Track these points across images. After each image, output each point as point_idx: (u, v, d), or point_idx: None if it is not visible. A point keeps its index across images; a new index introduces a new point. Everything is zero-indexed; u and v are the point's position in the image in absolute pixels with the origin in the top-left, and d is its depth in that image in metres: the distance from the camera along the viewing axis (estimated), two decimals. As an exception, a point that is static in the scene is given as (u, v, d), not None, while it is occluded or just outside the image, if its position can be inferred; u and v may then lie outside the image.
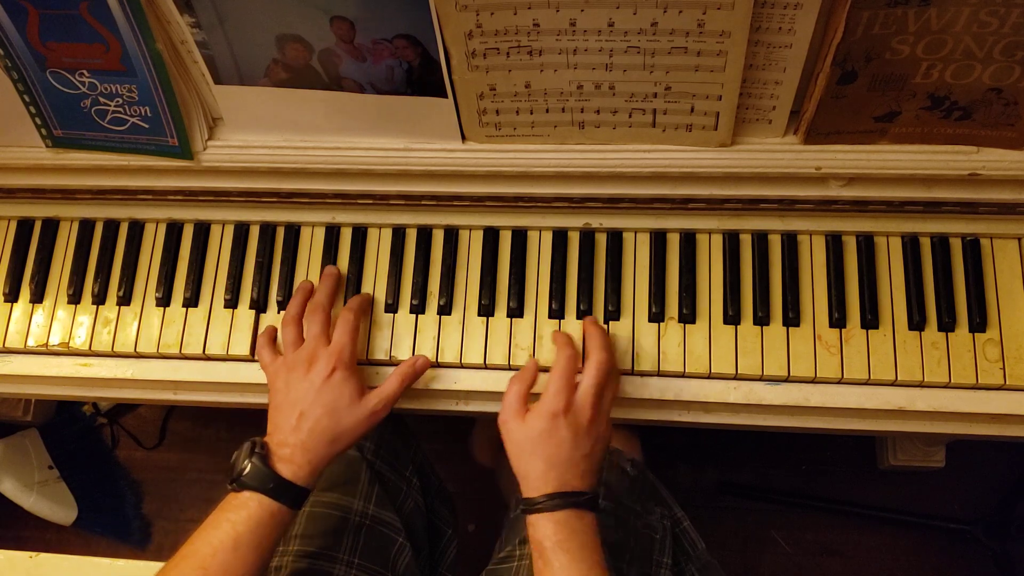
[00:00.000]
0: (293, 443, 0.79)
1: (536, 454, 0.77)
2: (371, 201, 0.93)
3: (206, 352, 0.94)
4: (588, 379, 0.80)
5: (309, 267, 0.95)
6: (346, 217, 0.95)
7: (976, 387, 0.86)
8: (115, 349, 0.95)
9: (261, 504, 0.77)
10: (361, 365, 0.92)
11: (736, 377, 0.88)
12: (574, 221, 0.92)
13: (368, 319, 0.92)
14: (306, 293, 0.91)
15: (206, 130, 0.88)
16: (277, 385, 0.84)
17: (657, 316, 0.90)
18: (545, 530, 0.75)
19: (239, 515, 0.76)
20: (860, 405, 0.87)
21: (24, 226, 0.99)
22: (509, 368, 0.90)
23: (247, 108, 0.85)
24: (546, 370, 0.82)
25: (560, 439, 0.77)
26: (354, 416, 0.82)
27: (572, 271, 0.92)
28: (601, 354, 0.81)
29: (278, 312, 0.94)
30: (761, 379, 0.88)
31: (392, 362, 0.91)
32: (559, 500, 0.75)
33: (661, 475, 1.05)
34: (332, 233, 0.95)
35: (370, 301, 0.92)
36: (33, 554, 0.95)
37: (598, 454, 0.79)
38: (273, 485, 0.77)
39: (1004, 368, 0.86)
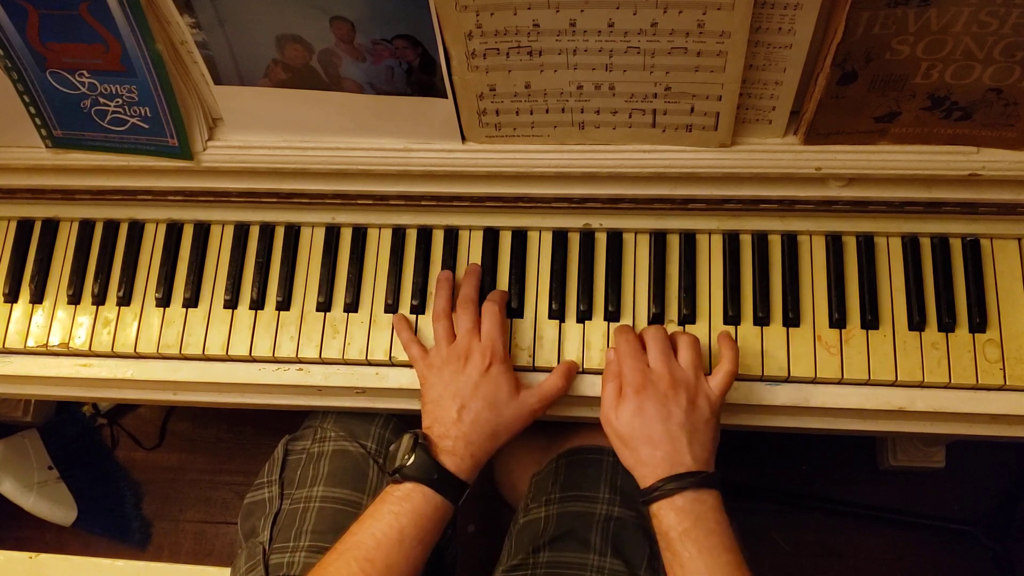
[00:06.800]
0: (455, 435, 0.79)
1: (636, 438, 0.77)
2: (371, 201, 0.93)
3: (206, 352, 0.93)
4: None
5: (309, 267, 0.95)
6: (346, 217, 0.95)
7: (976, 387, 0.86)
8: (115, 349, 0.95)
9: (425, 496, 0.76)
10: (357, 365, 0.92)
11: (736, 378, 0.87)
12: (574, 221, 0.92)
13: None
14: (449, 286, 0.90)
15: (206, 130, 0.88)
16: (431, 380, 0.84)
17: (657, 317, 0.90)
18: (668, 520, 0.73)
19: (403, 507, 0.76)
20: (860, 405, 0.87)
21: (24, 226, 0.99)
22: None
23: (247, 108, 0.85)
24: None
25: (650, 412, 0.76)
26: (512, 411, 0.82)
27: (572, 272, 0.92)
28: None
29: (276, 310, 0.94)
30: (761, 379, 0.88)
31: (392, 363, 0.91)
32: (675, 483, 0.74)
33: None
34: (332, 233, 0.95)
35: (506, 297, 0.91)
36: (33, 554, 0.95)
37: (698, 423, 0.77)
38: (437, 476, 0.77)
39: (1004, 368, 0.86)
